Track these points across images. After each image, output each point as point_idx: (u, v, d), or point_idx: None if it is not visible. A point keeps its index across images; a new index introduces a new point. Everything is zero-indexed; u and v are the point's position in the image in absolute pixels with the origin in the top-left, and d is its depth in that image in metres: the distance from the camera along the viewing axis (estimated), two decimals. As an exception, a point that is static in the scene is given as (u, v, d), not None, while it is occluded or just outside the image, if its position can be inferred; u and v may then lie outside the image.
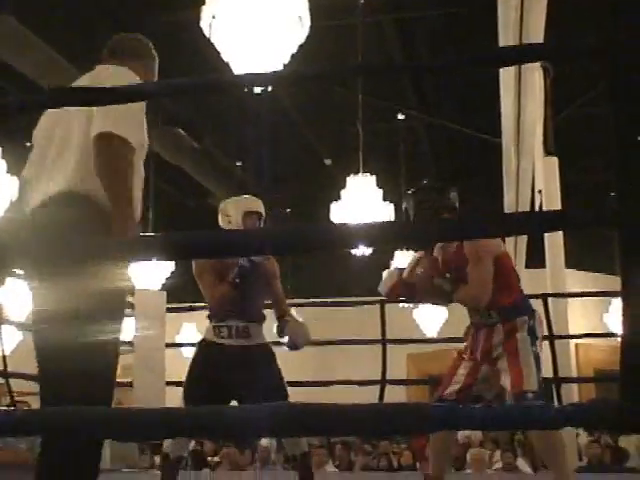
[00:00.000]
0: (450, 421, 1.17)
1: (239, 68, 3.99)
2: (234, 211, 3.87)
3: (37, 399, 2.24)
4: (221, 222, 3.89)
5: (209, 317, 3.81)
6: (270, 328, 3.88)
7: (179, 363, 6.15)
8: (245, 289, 3.71)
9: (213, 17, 3.97)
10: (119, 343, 2.18)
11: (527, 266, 10.91)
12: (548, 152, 5.97)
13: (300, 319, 4.00)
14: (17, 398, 7.64)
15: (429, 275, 3.46)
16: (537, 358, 3.27)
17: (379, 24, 6.77)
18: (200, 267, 3.76)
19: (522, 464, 6.99)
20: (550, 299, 4.95)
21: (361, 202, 6.30)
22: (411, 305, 10.72)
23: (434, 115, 8.47)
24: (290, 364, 10.37)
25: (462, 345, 3.51)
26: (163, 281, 7.99)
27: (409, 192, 3.59)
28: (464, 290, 3.39)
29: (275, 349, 3.80)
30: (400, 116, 8.66)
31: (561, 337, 5.04)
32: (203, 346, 3.75)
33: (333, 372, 7.67)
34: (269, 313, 3.91)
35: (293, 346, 3.76)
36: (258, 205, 3.93)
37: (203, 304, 5.97)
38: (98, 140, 2.16)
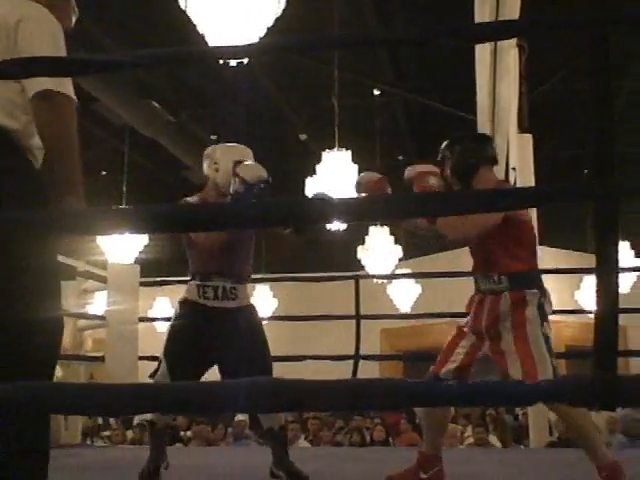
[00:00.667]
0: (425, 397, 1.18)
1: (215, 40, 3.95)
2: (224, 159, 3.54)
3: None
4: (206, 169, 3.58)
5: (192, 275, 3.53)
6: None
7: (152, 338, 6.16)
8: (235, 244, 3.48)
9: (189, -11, 3.92)
10: (59, 321, 2.02)
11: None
12: (523, 129, 5.98)
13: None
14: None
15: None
16: (547, 341, 3.09)
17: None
18: None
19: (494, 440, 7.08)
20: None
21: (336, 177, 6.29)
22: (385, 281, 10.81)
23: (410, 91, 8.45)
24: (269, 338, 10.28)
25: (435, 321, 3.41)
26: (136, 255, 7.95)
27: (448, 141, 3.39)
28: (452, 220, 3.14)
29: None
30: (376, 92, 8.63)
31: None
32: (185, 306, 3.47)
33: (308, 347, 7.69)
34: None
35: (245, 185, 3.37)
36: (247, 153, 3.62)
37: (178, 278, 5.94)
38: (41, 99, 1.96)
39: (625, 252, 9.91)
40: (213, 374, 3.38)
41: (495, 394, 1.10)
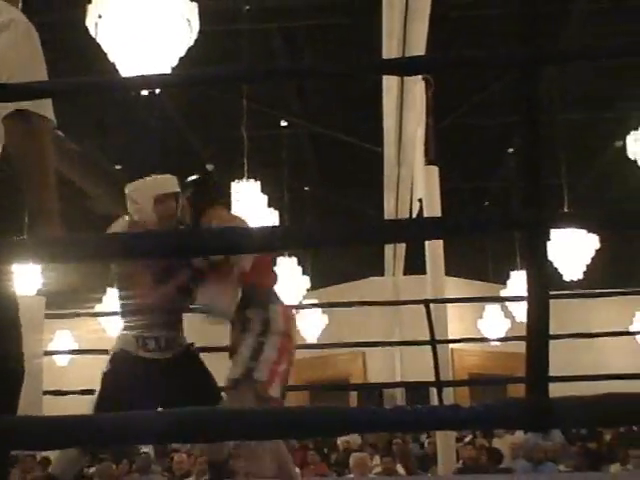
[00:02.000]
0: (359, 424, 1.18)
1: (126, 69, 3.91)
2: (142, 198, 3.37)
3: None
4: (130, 209, 3.41)
5: (127, 325, 3.29)
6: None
7: (53, 371, 5.96)
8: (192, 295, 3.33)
9: (99, 16, 3.87)
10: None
11: (405, 273, 11.26)
12: (429, 161, 6.14)
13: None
14: None
15: None
16: (254, 352, 3.28)
17: (265, 31, 6.79)
18: (133, 265, 3.25)
19: (399, 468, 7.13)
20: (431, 305, 5.07)
21: (246, 207, 6.28)
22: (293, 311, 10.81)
23: (317, 123, 8.55)
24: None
25: (341, 352, 3.56)
26: (39, 286, 7.71)
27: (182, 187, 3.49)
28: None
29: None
30: (283, 123, 8.70)
31: (441, 342, 5.17)
32: (120, 360, 3.22)
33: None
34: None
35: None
36: (170, 185, 3.45)
37: (84, 310, 5.76)
38: (17, 119, 1.80)
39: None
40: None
41: (427, 419, 1.11)
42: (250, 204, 6.38)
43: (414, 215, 7.60)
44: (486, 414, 1.07)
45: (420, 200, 6.50)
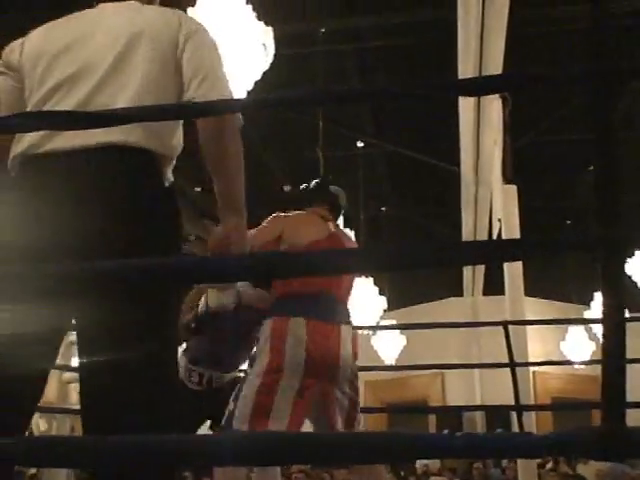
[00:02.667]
0: (432, 449, 1.15)
1: (202, 94, 3.98)
2: None
3: None
4: None
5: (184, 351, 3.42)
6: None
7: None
8: (215, 336, 3.37)
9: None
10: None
11: (485, 293, 11.09)
12: (507, 180, 6.03)
13: None
14: None
15: None
16: (242, 384, 2.99)
17: (338, 53, 6.83)
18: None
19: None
20: (509, 327, 4.96)
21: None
22: (369, 332, 10.75)
23: (393, 143, 8.54)
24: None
25: (419, 373, 3.39)
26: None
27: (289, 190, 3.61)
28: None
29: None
30: (359, 143, 8.71)
31: (520, 364, 5.05)
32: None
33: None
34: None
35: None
36: None
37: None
38: (225, 123, 1.88)
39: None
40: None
41: (500, 446, 1.07)
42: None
43: (494, 235, 7.48)
44: (557, 442, 1.03)
45: (499, 220, 6.39)
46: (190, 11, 3.89)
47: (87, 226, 1.67)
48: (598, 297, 9.60)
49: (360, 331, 9.58)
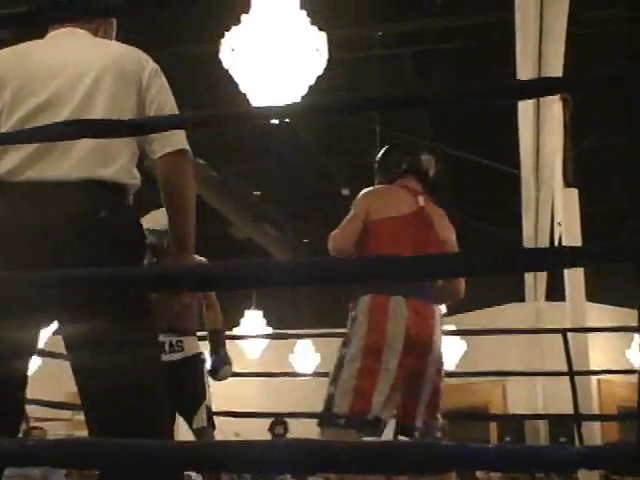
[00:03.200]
0: (463, 460, 1.14)
1: (257, 99, 4.01)
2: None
3: (52, 425, 2.12)
4: None
5: None
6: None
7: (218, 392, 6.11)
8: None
9: (232, 50, 4.00)
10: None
11: (548, 298, 10.88)
12: (568, 184, 5.92)
13: (229, 355, 4.19)
14: (33, 424, 7.66)
15: None
16: (340, 363, 2.82)
17: (396, 57, 6.80)
18: None
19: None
20: (570, 334, 4.87)
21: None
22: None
23: (452, 146, 8.46)
24: (304, 394, 10.23)
25: (480, 379, 3.28)
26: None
27: (384, 149, 3.40)
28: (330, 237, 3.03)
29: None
30: (419, 147, 8.64)
31: (582, 373, 4.95)
32: None
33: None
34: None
35: (215, 376, 3.99)
36: (157, 220, 3.82)
37: (231, 334, 5.99)
38: (179, 157, 1.96)
39: None
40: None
41: (530, 458, 1.05)
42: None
43: (556, 239, 7.35)
44: (588, 456, 1.01)
45: (559, 223, 6.28)
46: (244, 17, 3.93)
47: (61, 258, 1.74)
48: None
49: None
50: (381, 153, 3.40)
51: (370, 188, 3.21)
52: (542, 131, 6.60)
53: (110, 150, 1.87)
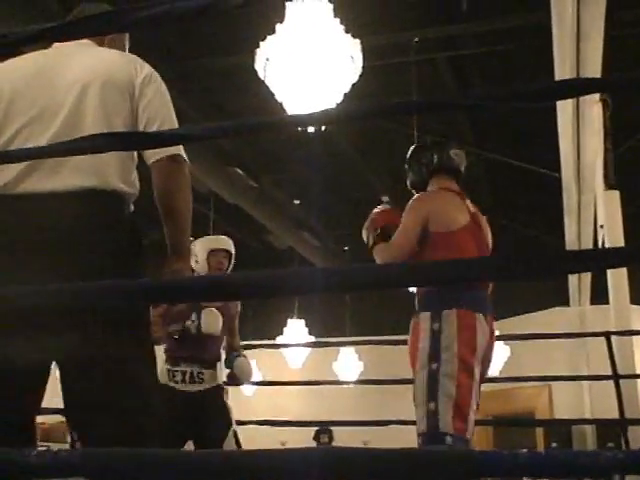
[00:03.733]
0: (495, 468, 1.13)
1: (293, 108, 4.04)
2: (200, 251, 3.95)
3: None
4: (191, 262, 3.84)
5: (165, 359, 3.88)
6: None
7: (240, 401, 6.13)
8: (199, 337, 3.83)
9: (267, 60, 4.03)
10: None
11: (593, 302, 10.72)
12: (609, 185, 5.83)
13: (247, 359, 4.16)
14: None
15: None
16: (434, 380, 2.69)
17: (433, 62, 6.77)
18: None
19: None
20: (614, 337, 4.79)
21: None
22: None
23: (492, 150, 8.40)
24: (348, 402, 10.22)
25: (525, 385, 3.19)
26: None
27: (410, 152, 3.38)
28: (378, 248, 3.00)
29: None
30: (457, 152, 8.60)
31: (627, 377, 4.86)
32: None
33: (390, 411, 7.56)
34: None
35: (235, 381, 4.00)
36: (224, 243, 4.02)
37: (261, 342, 6.05)
38: (172, 162, 1.95)
39: None
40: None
41: (564, 465, 1.04)
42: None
43: (600, 242, 7.25)
44: (625, 462, 0.99)
45: (602, 226, 6.20)
46: (278, 27, 3.96)
47: (62, 268, 1.76)
48: None
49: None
50: (410, 153, 3.38)
51: (424, 194, 3.17)
52: (582, 133, 6.52)
53: (105, 158, 1.86)
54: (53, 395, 2.05)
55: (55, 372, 1.86)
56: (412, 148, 3.40)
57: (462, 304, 2.79)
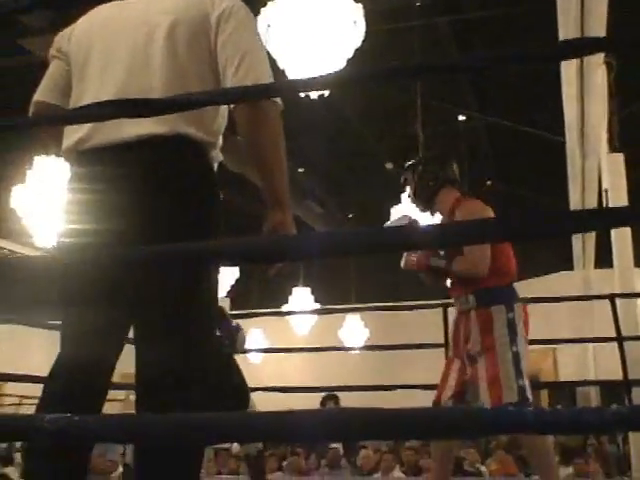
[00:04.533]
0: (502, 425, 1.15)
1: (295, 74, 4.02)
2: None
3: (108, 405, 2.13)
4: None
5: None
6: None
7: (248, 369, 6.16)
8: None
9: (268, 26, 4.01)
10: None
11: (597, 266, 10.75)
12: (613, 149, 5.82)
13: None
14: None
15: (426, 255, 3.35)
16: (517, 360, 3.09)
17: (435, 26, 6.73)
18: None
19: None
20: (618, 300, 4.82)
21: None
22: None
23: (495, 115, 8.36)
24: (354, 368, 10.29)
25: (531, 347, 3.37)
26: (228, 288, 8.07)
27: (410, 164, 3.54)
28: (460, 260, 3.24)
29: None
30: (461, 117, 8.57)
31: (630, 338, 4.89)
32: None
33: (396, 376, 7.61)
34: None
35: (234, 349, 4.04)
36: None
37: (267, 310, 6.09)
38: (253, 108, 1.80)
39: None
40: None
41: (570, 421, 1.06)
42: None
43: (604, 206, 7.25)
44: (629, 416, 1.01)
45: (606, 191, 6.20)
46: (281, -9, 3.93)
47: (140, 214, 1.72)
48: None
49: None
50: (411, 169, 3.51)
51: (480, 206, 3.40)
52: (587, 97, 6.49)
53: None
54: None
55: None
56: (411, 164, 3.54)
57: (515, 298, 3.25)
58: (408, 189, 3.60)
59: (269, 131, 1.81)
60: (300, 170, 9.81)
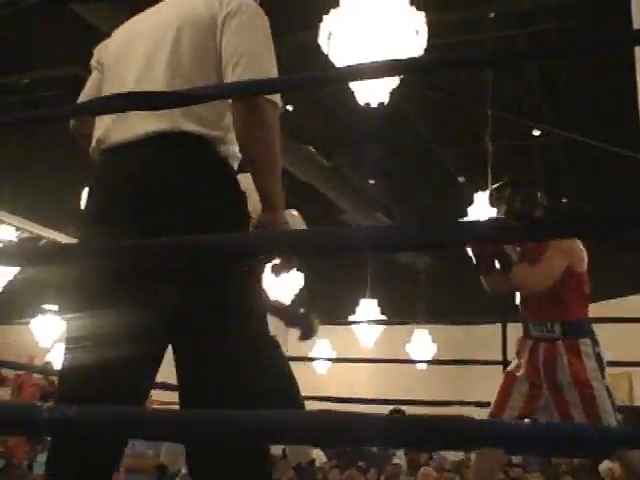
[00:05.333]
0: (502, 438, 1.10)
1: (356, 83, 4.00)
2: (249, 187, 3.92)
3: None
4: None
5: None
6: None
7: (314, 378, 6.14)
8: None
9: (330, 34, 4.00)
10: None
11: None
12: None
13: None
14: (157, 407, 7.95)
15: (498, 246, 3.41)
16: (610, 394, 3.16)
17: (510, 39, 6.61)
18: None
19: None
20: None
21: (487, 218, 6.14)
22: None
23: (571, 131, 8.16)
24: (421, 383, 10.15)
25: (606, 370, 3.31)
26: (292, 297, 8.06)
27: (499, 188, 3.61)
28: (527, 269, 3.33)
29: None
30: (535, 132, 8.40)
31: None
32: None
33: (466, 393, 7.47)
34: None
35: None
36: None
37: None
38: (248, 105, 1.75)
39: None
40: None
41: (573, 439, 1.00)
42: (491, 214, 6.22)
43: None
44: (634, 436, 0.95)
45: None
46: (342, 1, 3.92)
47: (152, 211, 1.73)
48: None
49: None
50: (508, 190, 3.57)
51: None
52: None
53: None
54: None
55: None
56: (509, 186, 3.61)
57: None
58: (499, 209, 3.64)
59: (263, 133, 1.77)
60: (371, 182, 9.77)
